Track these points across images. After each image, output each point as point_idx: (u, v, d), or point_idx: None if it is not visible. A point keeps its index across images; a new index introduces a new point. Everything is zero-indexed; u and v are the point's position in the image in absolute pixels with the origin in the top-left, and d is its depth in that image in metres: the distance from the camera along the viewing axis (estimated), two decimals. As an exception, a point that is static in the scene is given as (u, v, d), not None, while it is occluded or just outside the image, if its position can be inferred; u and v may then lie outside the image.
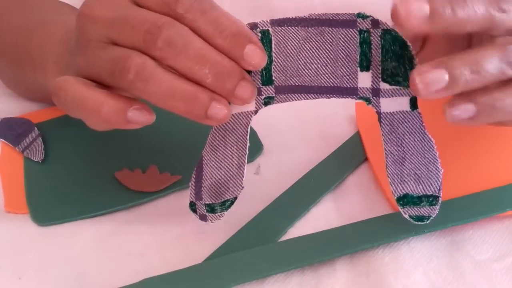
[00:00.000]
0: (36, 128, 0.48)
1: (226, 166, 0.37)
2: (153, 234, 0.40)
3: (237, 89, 0.33)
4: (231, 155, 0.37)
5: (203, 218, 0.38)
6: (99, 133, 0.48)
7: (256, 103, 0.36)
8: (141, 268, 0.37)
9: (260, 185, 0.43)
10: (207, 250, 0.38)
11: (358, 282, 0.36)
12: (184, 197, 0.43)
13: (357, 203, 0.41)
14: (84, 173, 0.45)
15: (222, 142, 0.37)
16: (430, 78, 0.31)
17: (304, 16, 0.34)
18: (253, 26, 0.34)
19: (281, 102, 0.36)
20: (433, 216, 0.37)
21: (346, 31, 0.34)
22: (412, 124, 0.35)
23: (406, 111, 0.35)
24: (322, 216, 0.40)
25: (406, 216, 0.37)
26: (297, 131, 0.47)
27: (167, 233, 0.40)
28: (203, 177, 0.37)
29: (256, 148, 0.45)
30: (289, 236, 0.39)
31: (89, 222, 0.41)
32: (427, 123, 0.35)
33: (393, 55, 0.33)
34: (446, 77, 0.31)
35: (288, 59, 0.35)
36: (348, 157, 0.44)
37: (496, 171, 0.41)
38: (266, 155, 0.46)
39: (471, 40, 0.37)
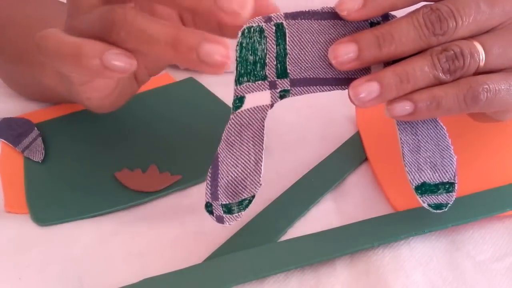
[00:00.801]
0: (36, 128, 0.48)
1: (243, 163, 0.36)
2: (153, 234, 0.40)
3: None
4: (247, 151, 0.36)
5: (220, 219, 0.37)
6: (99, 133, 0.48)
7: (271, 96, 0.35)
8: (141, 268, 0.37)
9: (260, 185, 0.43)
10: (207, 250, 0.38)
11: (358, 282, 0.36)
12: (185, 197, 0.43)
13: (357, 203, 0.41)
14: (84, 173, 0.45)
15: (238, 138, 0.36)
16: (362, 90, 0.34)
17: (317, 9, 0.34)
18: (267, 20, 0.34)
19: (296, 95, 0.36)
20: (451, 203, 0.37)
21: (358, 23, 0.35)
22: None
23: None
24: (322, 216, 0.40)
25: (425, 205, 0.37)
26: (297, 131, 0.47)
27: (167, 233, 0.40)
28: (219, 175, 0.36)
29: (256, 148, 0.45)
30: (289, 236, 0.39)
31: (89, 222, 0.41)
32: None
33: None
34: (377, 88, 0.34)
35: (303, 52, 0.35)
36: (348, 157, 0.44)
37: (496, 171, 0.42)
38: (266, 155, 0.45)
39: None
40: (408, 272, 0.37)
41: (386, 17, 0.35)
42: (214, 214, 0.36)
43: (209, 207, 0.36)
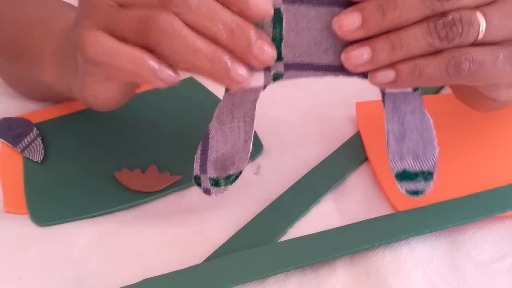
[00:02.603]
0: (35, 128, 0.48)
1: (233, 141, 0.37)
2: (153, 234, 0.40)
3: (254, 47, 0.33)
4: (238, 129, 0.37)
5: (206, 191, 0.38)
6: (99, 133, 0.48)
7: (265, 78, 0.36)
8: (141, 268, 0.37)
9: (260, 185, 0.43)
10: (207, 250, 0.38)
11: (359, 282, 0.36)
12: (184, 197, 0.43)
13: (358, 203, 0.41)
14: (84, 173, 0.44)
15: (229, 117, 0.37)
16: (354, 55, 0.34)
17: None
18: None
19: (289, 78, 0.36)
20: (427, 190, 0.38)
21: None
22: (413, 104, 0.36)
23: (408, 91, 0.36)
24: (322, 216, 0.40)
25: (403, 190, 0.38)
26: (297, 131, 0.47)
27: (167, 233, 0.40)
28: (208, 150, 0.37)
29: (256, 148, 0.45)
30: (289, 236, 0.39)
31: (89, 222, 0.41)
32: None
33: None
34: (369, 53, 0.34)
35: (298, 37, 0.35)
36: (349, 157, 0.44)
37: (496, 171, 0.42)
38: (266, 155, 0.46)
39: None
40: (408, 272, 0.37)
41: None
42: (202, 186, 0.38)
43: (197, 180, 0.38)
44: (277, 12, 0.34)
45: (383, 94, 0.36)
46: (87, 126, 0.49)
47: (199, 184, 0.38)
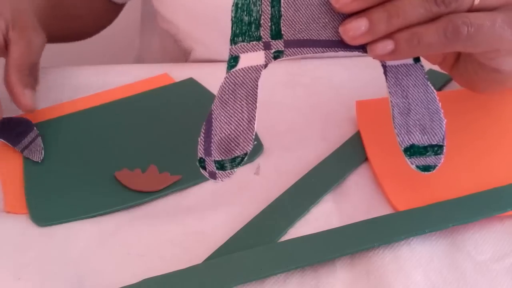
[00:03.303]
0: (35, 128, 0.48)
1: (236, 121, 0.37)
2: (153, 234, 0.40)
3: None
4: (241, 109, 0.37)
5: (212, 175, 0.37)
6: (99, 133, 0.48)
7: (265, 57, 0.36)
8: (141, 268, 0.37)
9: (260, 185, 0.43)
10: (207, 250, 0.38)
11: (359, 282, 0.36)
12: (184, 197, 0.43)
13: (358, 203, 0.41)
14: (84, 173, 0.44)
15: (231, 97, 0.36)
16: (352, 26, 0.35)
17: None
18: None
19: (290, 55, 0.36)
20: (439, 164, 0.37)
21: None
22: (416, 76, 0.37)
23: (410, 64, 0.36)
24: (322, 216, 0.40)
25: (413, 166, 0.38)
26: (297, 131, 0.47)
27: (167, 233, 0.40)
28: (212, 132, 0.37)
29: (256, 148, 0.45)
30: (289, 236, 0.39)
31: (89, 222, 0.41)
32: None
33: None
34: (366, 23, 0.34)
35: (297, 14, 0.35)
36: (349, 157, 0.44)
37: (496, 171, 0.42)
38: (266, 155, 0.46)
39: None
40: (408, 272, 0.37)
41: None
42: (207, 170, 0.37)
43: (202, 163, 0.37)
44: None
45: (385, 67, 0.37)
46: (87, 126, 0.49)
47: (203, 168, 0.37)
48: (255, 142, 0.37)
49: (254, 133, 0.37)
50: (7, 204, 0.42)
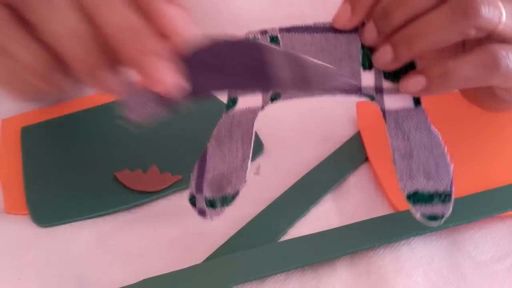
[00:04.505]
0: None
1: (230, 160, 0.37)
2: (153, 234, 0.40)
3: (156, 65, 0.30)
4: (236, 149, 0.37)
5: (201, 213, 0.37)
6: (100, 133, 0.48)
7: (263, 99, 0.37)
8: (141, 268, 0.37)
9: (260, 185, 0.43)
10: (207, 250, 0.38)
11: (359, 282, 0.36)
12: (185, 197, 0.42)
13: (358, 204, 0.41)
14: (85, 173, 0.44)
15: (227, 136, 0.37)
16: (377, 55, 0.35)
17: (310, 25, 0.36)
18: (263, 32, 0.36)
19: (287, 98, 0.37)
20: (447, 214, 0.35)
21: (348, 36, 0.36)
22: (417, 120, 0.36)
23: (410, 107, 0.36)
24: (322, 216, 0.40)
25: (418, 215, 0.35)
26: (297, 131, 0.47)
27: (167, 233, 0.40)
28: (205, 169, 0.37)
29: (256, 148, 0.45)
30: (289, 236, 0.39)
31: (89, 222, 0.41)
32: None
33: None
34: (390, 52, 0.34)
35: None
36: (349, 157, 0.44)
37: (497, 171, 0.41)
38: (266, 155, 0.46)
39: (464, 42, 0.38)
40: (409, 272, 0.37)
41: None
42: (197, 207, 0.37)
43: (192, 199, 0.37)
44: (275, 39, 0.36)
45: (384, 111, 0.36)
46: (88, 126, 0.49)
47: (194, 204, 0.38)
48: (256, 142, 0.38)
49: (247, 172, 0.37)
50: (7, 204, 0.42)
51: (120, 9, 0.29)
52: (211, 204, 0.37)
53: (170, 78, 0.31)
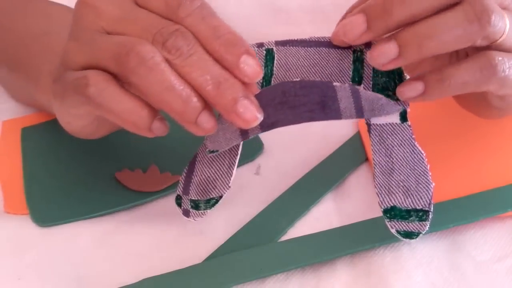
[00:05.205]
0: None
1: (217, 165, 0.38)
2: (153, 234, 0.40)
3: (239, 104, 0.33)
4: (223, 155, 0.38)
5: (186, 213, 0.39)
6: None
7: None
8: (141, 268, 0.37)
9: (260, 185, 0.43)
10: (207, 250, 0.38)
11: (359, 282, 0.36)
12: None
13: (358, 203, 0.41)
14: (84, 173, 0.44)
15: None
16: (380, 51, 0.34)
17: (305, 38, 0.37)
18: (259, 45, 0.37)
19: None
20: (423, 232, 0.36)
21: (341, 51, 0.36)
22: (402, 136, 0.36)
23: (396, 123, 0.36)
24: (322, 216, 0.40)
25: (393, 231, 0.36)
26: (297, 131, 0.47)
27: (167, 233, 0.40)
28: (193, 173, 0.38)
29: (256, 148, 0.45)
30: (289, 236, 0.39)
31: (89, 222, 0.41)
32: (426, 124, 0.35)
33: (383, 71, 0.36)
34: (395, 49, 0.33)
35: (288, 74, 0.37)
36: (349, 157, 0.44)
37: (497, 171, 0.41)
38: (266, 155, 0.46)
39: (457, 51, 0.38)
40: (409, 272, 0.37)
41: (368, 45, 0.36)
42: (182, 207, 0.39)
43: (178, 200, 0.39)
44: (270, 52, 0.37)
45: (369, 126, 0.36)
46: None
47: (179, 205, 0.39)
48: (256, 143, 0.39)
49: (232, 179, 0.37)
50: (7, 204, 0.42)
51: (208, 68, 0.33)
52: (195, 205, 0.38)
53: (254, 116, 0.33)
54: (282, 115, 0.35)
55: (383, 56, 0.34)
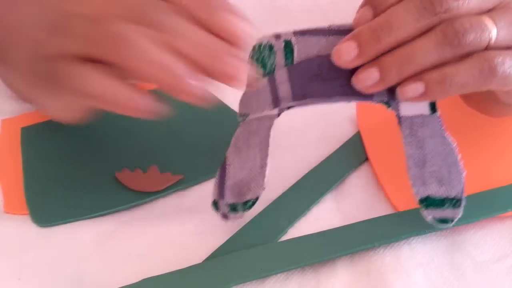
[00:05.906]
0: None
1: (249, 167, 0.38)
2: (153, 234, 0.40)
3: (226, 58, 0.34)
4: (254, 156, 0.38)
5: (225, 217, 0.39)
6: (100, 133, 0.48)
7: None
8: (141, 268, 0.37)
9: (260, 185, 0.43)
10: (207, 250, 0.38)
11: (359, 282, 0.36)
12: (185, 197, 0.43)
13: (358, 203, 0.41)
14: (84, 173, 0.44)
15: (245, 144, 0.38)
16: (363, 77, 0.35)
17: (325, 27, 0.36)
18: (276, 36, 0.36)
19: (302, 105, 0.38)
20: (457, 218, 0.36)
21: None
22: (432, 127, 0.36)
23: (425, 114, 0.36)
24: (322, 216, 0.40)
25: (430, 218, 0.36)
26: (297, 130, 0.47)
27: (167, 233, 0.40)
28: (226, 176, 0.38)
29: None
30: (289, 236, 0.39)
31: (89, 222, 0.41)
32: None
33: None
34: (377, 74, 0.34)
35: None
36: (349, 157, 0.44)
37: (497, 171, 0.41)
38: (266, 155, 0.45)
39: None
40: (409, 272, 0.37)
41: None
42: (220, 211, 0.39)
43: (215, 204, 0.39)
44: (288, 44, 0.36)
45: (399, 117, 0.36)
46: (88, 126, 0.49)
47: (217, 209, 0.39)
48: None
49: (265, 179, 0.38)
50: (6, 204, 0.42)
51: (193, 33, 0.34)
52: (233, 208, 0.39)
53: (243, 75, 0.35)
54: (315, 87, 0.35)
55: (365, 81, 0.35)
